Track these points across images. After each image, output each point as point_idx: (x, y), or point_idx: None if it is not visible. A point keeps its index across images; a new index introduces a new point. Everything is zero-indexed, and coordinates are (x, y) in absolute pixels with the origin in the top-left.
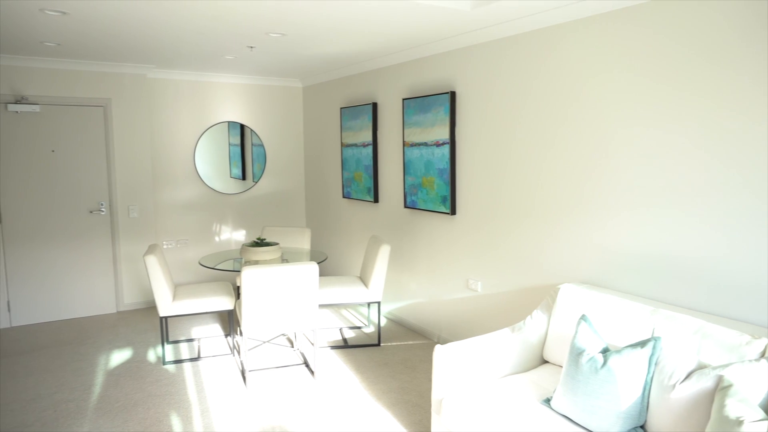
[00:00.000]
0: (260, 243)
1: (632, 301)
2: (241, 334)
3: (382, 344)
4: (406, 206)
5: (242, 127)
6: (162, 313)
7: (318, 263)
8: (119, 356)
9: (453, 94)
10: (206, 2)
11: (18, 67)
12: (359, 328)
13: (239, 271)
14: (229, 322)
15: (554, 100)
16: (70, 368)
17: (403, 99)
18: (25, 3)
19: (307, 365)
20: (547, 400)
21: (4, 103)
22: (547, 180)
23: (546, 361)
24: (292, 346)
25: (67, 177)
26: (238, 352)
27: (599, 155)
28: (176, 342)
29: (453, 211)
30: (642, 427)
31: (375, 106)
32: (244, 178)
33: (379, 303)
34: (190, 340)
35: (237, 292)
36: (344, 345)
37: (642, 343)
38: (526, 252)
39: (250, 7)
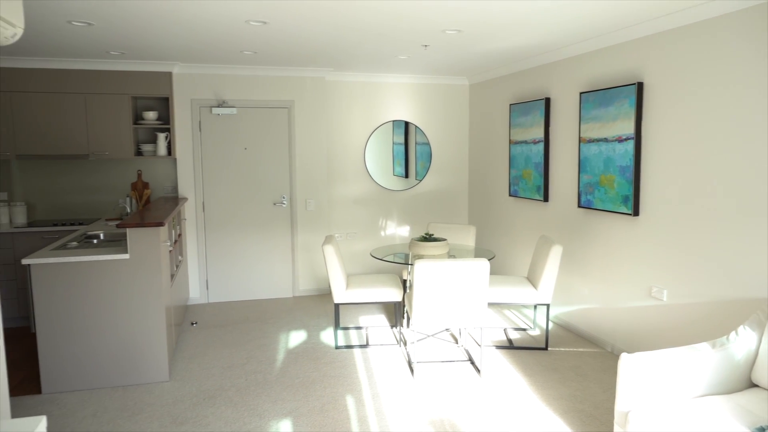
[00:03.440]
0: (428, 238)
1: None
2: (407, 325)
3: (549, 348)
4: (580, 206)
5: (406, 126)
6: (336, 299)
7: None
8: (296, 337)
9: (640, 86)
10: (391, 1)
11: (220, 75)
12: (524, 330)
13: (408, 264)
14: (395, 313)
15: (763, 89)
16: (257, 344)
17: (581, 93)
18: (235, 16)
19: (472, 362)
20: (762, 429)
21: (209, 106)
22: (755, 179)
23: (755, 385)
24: (456, 343)
25: (256, 172)
26: (404, 344)
27: None
28: (346, 328)
29: (636, 212)
30: None
31: (548, 101)
32: (406, 176)
33: (548, 306)
34: (358, 328)
35: (404, 284)
36: (509, 346)
37: None
38: (725, 260)
39: (432, 4)
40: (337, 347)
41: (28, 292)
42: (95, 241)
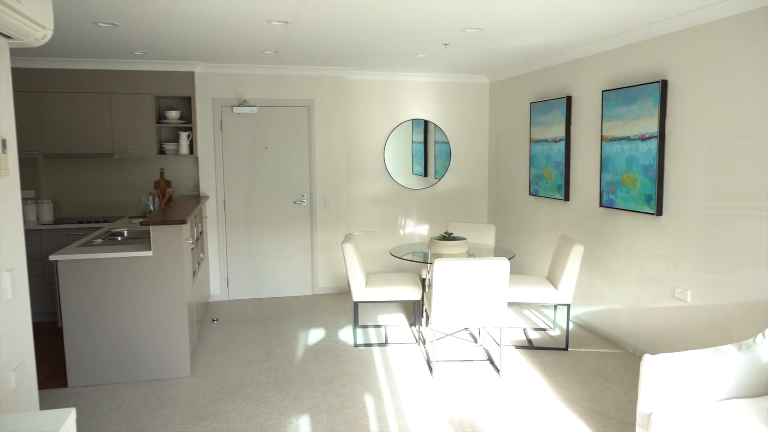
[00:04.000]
0: (448, 237)
1: None
2: (426, 324)
3: (569, 349)
4: (601, 205)
5: (426, 124)
6: (356, 298)
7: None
8: (316, 334)
9: (664, 83)
10: (411, 0)
11: (241, 75)
12: (544, 330)
13: (427, 263)
14: (414, 312)
15: None
16: (277, 341)
17: (603, 91)
18: (257, 16)
19: (492, 362)
20: None
21: (230, 106)
22: None
23: None
24: (476, 342)
25: (276, 171)
26: (423, 342)
27: None
28: (365, 327)
29: (659, 212)
30: None
31: (569, 99)
32: (426, 174)
33: (568, 306)
34: (377, 326)
35: (423, 283)
36: (529, 346)
37: None
38: (752, 260)
39: (453, 3)
40: (356, 345)
41: (54, 287)
42: (119, 238)
